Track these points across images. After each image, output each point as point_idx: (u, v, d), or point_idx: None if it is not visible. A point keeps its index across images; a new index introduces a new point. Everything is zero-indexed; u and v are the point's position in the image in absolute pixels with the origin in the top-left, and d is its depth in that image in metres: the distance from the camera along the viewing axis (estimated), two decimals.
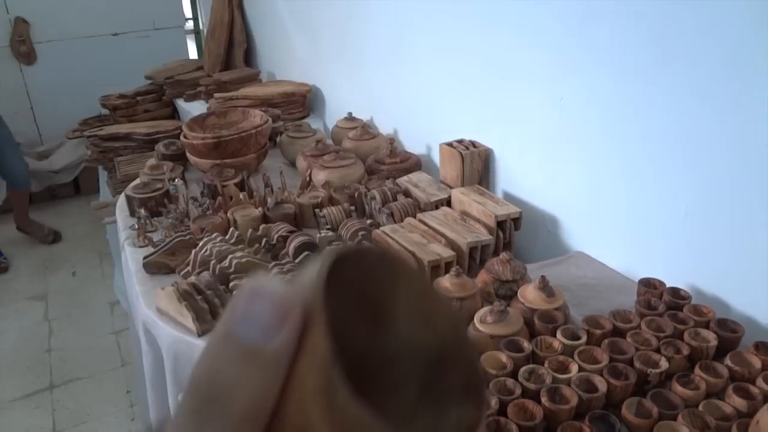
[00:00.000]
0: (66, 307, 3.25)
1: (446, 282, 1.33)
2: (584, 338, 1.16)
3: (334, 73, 2.92)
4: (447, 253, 1.52)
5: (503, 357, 1.12)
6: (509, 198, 1.83)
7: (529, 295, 1.29)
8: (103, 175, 3.55)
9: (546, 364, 1.10)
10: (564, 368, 1.10)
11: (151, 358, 1.65)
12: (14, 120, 4.60)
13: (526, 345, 1.15)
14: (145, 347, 1.65)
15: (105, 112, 3.97)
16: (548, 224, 1.75)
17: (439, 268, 1.51)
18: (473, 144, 1.93)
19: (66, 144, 4.50)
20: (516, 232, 1.69)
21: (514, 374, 1.08)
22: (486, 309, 1.23)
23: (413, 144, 2.33)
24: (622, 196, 1.50)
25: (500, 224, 1.65)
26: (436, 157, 2.20)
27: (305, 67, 3.25)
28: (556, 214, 1.72)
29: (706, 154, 1.27)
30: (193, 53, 5.16)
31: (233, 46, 3.98)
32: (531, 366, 1.09)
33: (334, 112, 2.99)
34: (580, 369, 1.09)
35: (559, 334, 1.17)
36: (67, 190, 4.66)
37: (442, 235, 1.60)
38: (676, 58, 1.27)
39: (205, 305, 1.46)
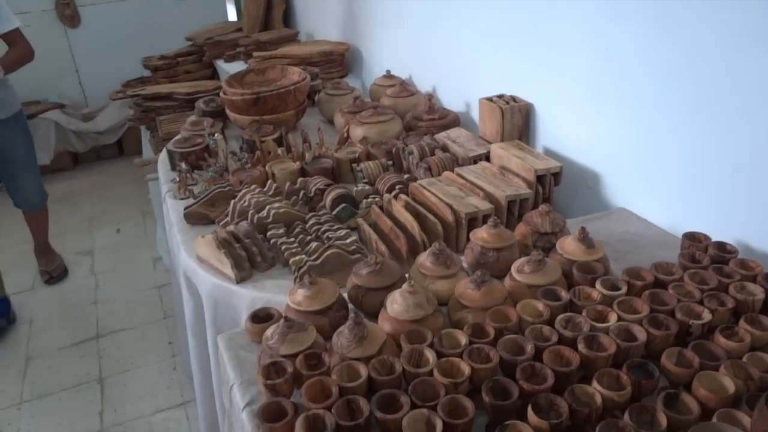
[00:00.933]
0: (111, 262, 3.36)
1: (483, 233, 1.32)
2: (624, 289, 1.14)
3: (372, 32, 2.88)
4: (485, 205, 1.50)
5: (540, 305, 1.10)
6: (550, 153, 1.79)
7: (568, 246, 1.27)
8: (145, 135, 3.61)
9: (584, 314, 1.08)
10: (602, 318, 1.08)
11: (192, 305, 1.69)
12: (60, 83, 4.72)
13: (564, 294, 1.13)
14: (186, 295, 1.69)
15: (147, 73, 4.02)
16: (589, 180, 1.71)
17: (476, 220, 1.49)
18: (513, 99, 1.89)
19: (110, 105, 4.59)
20: (556, 188, 1.66)
21: (550, 322, 1.06)
22: (523, 259, 1.21)
23: (452, 101, 2.30)
24: (669, 151, 1.46)
25: (540, 179, 1.62)
26: (475, 113, 2.17)
27: (343, 26, 3.22)
28: (598, 169, 1.68)
29: (762, 106, 1.21)
30: (233, 16, 5.16)
31: (272, 7, 3.97)
32: (568, 314, 1.07)
33: (372, 71, 2.96)
34: (619, 319, 1.07)
35: (598, 285, 1.15)
36: (111, 151, 4.77)
37: (480, 188, 1.58)
38: None
39: (243, 253, 1.48)
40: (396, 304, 1.11)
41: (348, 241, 1.45)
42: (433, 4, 2.26)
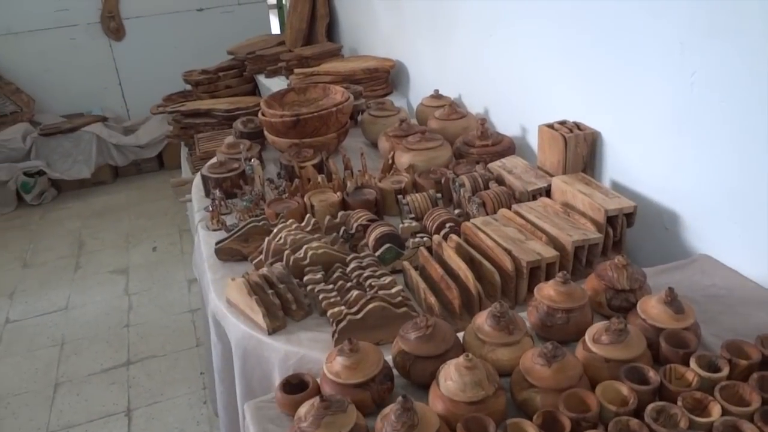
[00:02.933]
0: (146, 282, 3.27)
1: (550, 290, 1.14)
2: (726, 370, 0.95)
3: (420, 48, 2.73)
4: (549, 252, 1.32)
5: (624, 389, 0.92)
6: (619, 189, 1.60)
7: (652, 309, 1.08)
8: (184, 152, 3.54)
9: (679, 402, 0.89)
10: (702, 408, 0.90)
11: (220, 350, 1.55)
12: (103, 95, 4.72)
13: (653, 375, 0.94)
14: (214, 338, 1.56)
15: (188, 87, 3.96)
16: (666, 221, 1.51)
17: (539, 269, 1.32)
18: (578, 126, 1.70)
19: (151, 119, 4.56)
20: (628, 230, 1.47)
21: (638, 413, 0.88)
22: (601, 325, 1.03)
23: (506, 125, 2.12)
24: (764, 191, 1.25)
25: (610, 220, 1.43)
26: (532, 140, 1.99)
27: (389, 41, 3.07)
28: (677, 209, 1.48)
29: None
30: (276, 28, 5.09)
31: (315, 20, 3.86)
32: (660, 403, 0.89)
33: (418, 90, 2.81)
34: (724, 411, 0.88)
35: (693, 363, 0.96)
36: (152, 165, 4.73)
37: (542, 230, 1.40)
38: None
39: (276, 300, 1.33)
40: (450, 380, 0.94)
41: (393, 291, 1.29)
42: (489, 20, 2.09)
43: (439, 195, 1.72)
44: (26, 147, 4.25)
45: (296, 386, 1.05)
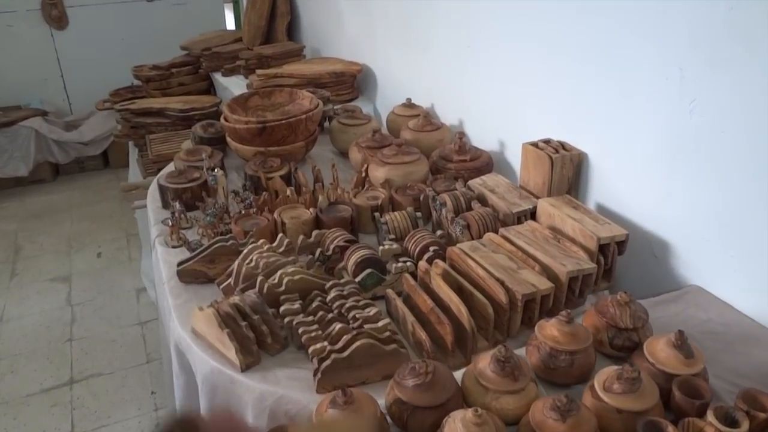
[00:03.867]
0: (90, 291, 3.06)
1: (553, 329, 1.06)
2: (746, 425, 0.89)
3: (389, 54, 2.63)
4: (543, 284, 1.25)
5: None
6: (605, 213, 1.54)
7: (661, 353, 1.02)
8: (133, 152, 3.33)
9: None
10: None
11: (183, 381, 1.42)
12: (43, 88, 4.43)
13: (672, 431, 0.88)
14: (176, 369, 1.42)
15: (137, 82, 3.74)
16: (655, 249, 1.47)
17: (534, 302, 1.24)
18: (563, 146, 1.64)
19: (96, 115, 4.29)
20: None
21: None
22: (611, 372, 0.96)
23: (482, 140, 2.05)
24: (762, 222, 1.21)
25: (601, 247, 1.38)
26: (511, 156, 1.93)
27: (355, 44, 2.96)
28: (668, 237, 1.44)
29: None
30: (231, 24, 4.89)
31: (275, 17, 3.70)
32: None
33: (387, 96, 2.71)
34: None
35: (711, 416, 0.90)
36: (96, 163, 4.47)
37: (534, 258, 1.33)
38: None
39: (250, 334, 1.21)
40: None
41: (379, 324, 1.19)
42: (468, 29, 2.01)
43: (418, 214, 1.64)
44: None
45: None
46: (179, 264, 1.49)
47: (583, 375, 1.06)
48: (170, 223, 1.67)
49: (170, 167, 2.07)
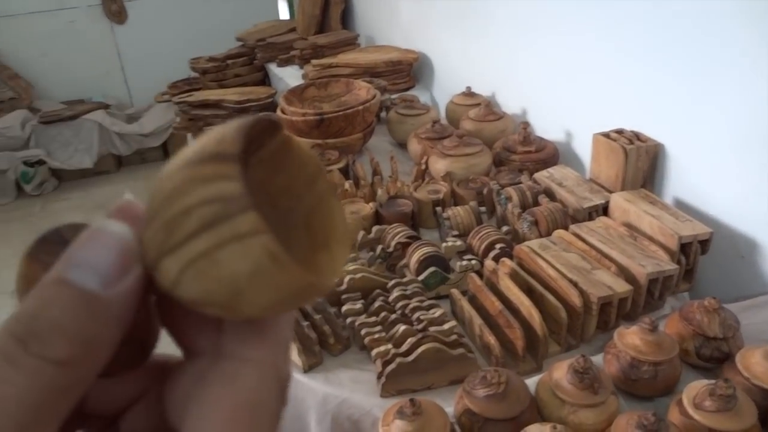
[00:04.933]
0: None
1: (635, 338, 0.99)
2: None
3: (446, 41, 2.55)
4: (621, 286, 1.17)
5: None
6: (683, 209, 1.44)
7: (757, 366, 0.94)
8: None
9: None
10: None
11: None
12: (105, 82, 4.53)
13: None
14: None
15: (195, 74, 3.78)
16: (742, 248, 1.36)
17: (610, 305, 1.17)
18: (637, 136, 1.54)
19: (155, 107, 4.37)
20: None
21: None
22: (702, 387, 0.88)
23: (547, 129, 1.95)
24: None
25: (682, 247, 1.28)
26: (579, 147, 1.84)
27: (410, 32, 2.90)
28: (756, 234, 1.33)
29: None
30: (285, 14, 4.88)
31: (329, 5, 3.67)
32: None
33: (444, 85, 2.64)
34: None
35: None
36: (156, 154, 4.56)
37: (609, 258, 1.25)
38: None
39: (312, 334, 1.18)
40: None
41: (445, 327, 1.14)
42: (531, 13, 1.92)
43: (482, 208, 1.57)
44: (25, 135, 4.07)
45: None
46: None
47: (667, 387, 0.99)
48: None
49: None
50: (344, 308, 1.23)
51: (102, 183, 4.30)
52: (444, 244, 1.42)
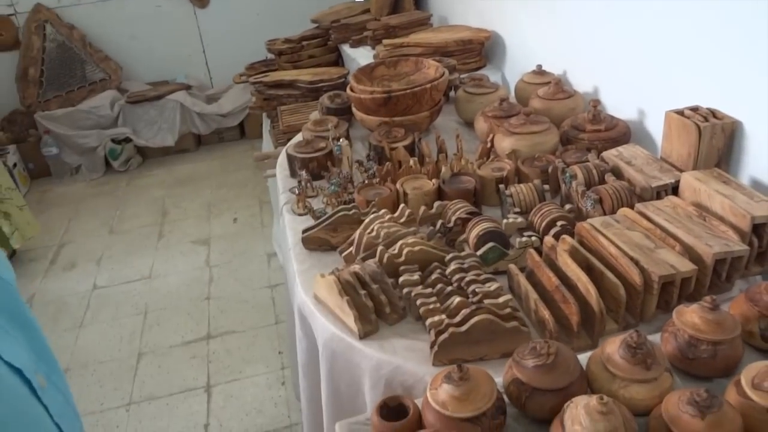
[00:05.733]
0: (226, 254, 3.27)
1: (694, 316, 0.96)
2: None
3: (519, 18, 2.51)
4: (685, 265, 1.14)
5: None
6: (760, 189, 1.37)
7: None
8: (266, 123, 3.47)
9: None
10: None
11: (305, 345, 1.46)
12: (187, 63, 4.73)
13: None
14: (299, 333, 1.47)
15: (271, 56, 3.89)
16: None
17: (672, 285, 1.14)
18: (713, 114, 1.48)
19: (233, 88, 4.53)
20: None
21: None
22: (763, 367, 0.86)
23: (619, 108, 1.90)
24: None
25: (755, 228, 1.23)
26: (652, 126, 1.77)
27: (483, 10, 2.86)
28: None
29: None
30: None
31: None
32: None
33: (515, 64, 2.60)
34: None
35: None
36: (233, 134, 4.73)
37: (675, 237, 1.22)
38: None
39: (369, 302, 1.22)
40: (579, 425, 0.79)
41: (500, 300, 1.14)
42: None
43: (546, 187, 1.55)
44: (114, 114, 4.32)
45: (394, 410, 0.94)
46: (304, 231, 1.53)
47: (727, 368, 0.96)
48: (297, 192, 1.72)
49: (298, 137, 2.13)
50: (401, 279, 1.26)
51: (182, 161, 4.52)
52: (504, 221, 1.42)
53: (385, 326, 1.24)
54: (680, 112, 1.51)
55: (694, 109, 1.51)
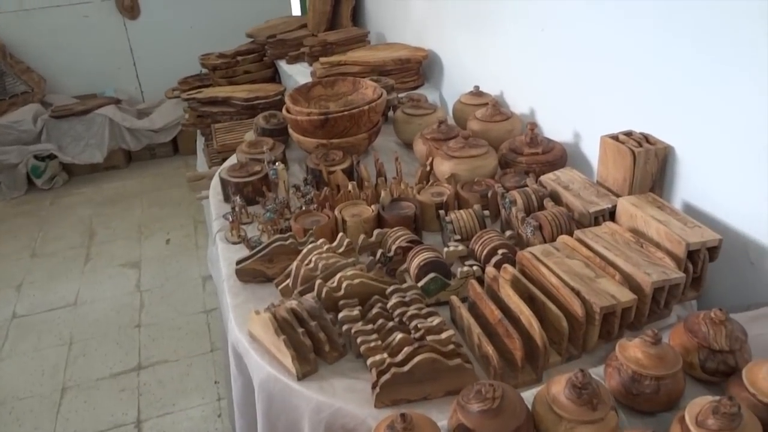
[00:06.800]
0: (158, 278, 3.12)
1: (637, 351, 0.95)
2: None
3: (456, 38, 2.52)
4: (625, 296, 1.13)
5: None
6: (693, 214, 1.40)
7: (764, 382, 0.90)
8: (200, 141, 3.36)
9: None
10: None
11: (241, 383, 1.39)
12: (117, 76, 4.55)
13: None
14: (234, 370, 1.39)
15: (205, 71, 3.78)
16: (752, 254, 1.32)
17: (613, 315, 1.13)
18: (646, 138, 1.50)
19: (166, 102, 4.39)
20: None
21: None
22: (705, 404, 0.85)
23: (555, 131, 1.92)
24: None
25: (690, 254, 1.25)
26: (587, 149, 1.80)
27: (421, 29, 2.86)
28: (766, 241, 1.28)
29: None
30: (297, 10, 4.86)
31: (340, 2, 3.64)
32: None
33: (453, 84, 2.61)
34: None
35: None
36: (166, 150, 4.57)
37: (614, 265, 1.22)
38: None
39: (307, 341, 1.16)
40: None
41: (443, 336, 1.11)
42: (541, 12, 1.88)
43: (486, 212, 1.54)
44: (37, 129, 4.09)
45: None
46: (238, 262, 1.46)
47: (670, 402, 0.95)
48: (230, 219, 1.64)
49: (233, 159, 2.05)
50: (341, 315, 1.21)
51: (112, 178, 4.32)
52: (445, 249, 1.39)
53: (324, 365, 1.19)
54: (615, 137, 1.53)
55: (628, 134, 1.53)
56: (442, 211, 1.55)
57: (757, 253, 1.31)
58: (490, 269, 1.25)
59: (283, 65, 3.43)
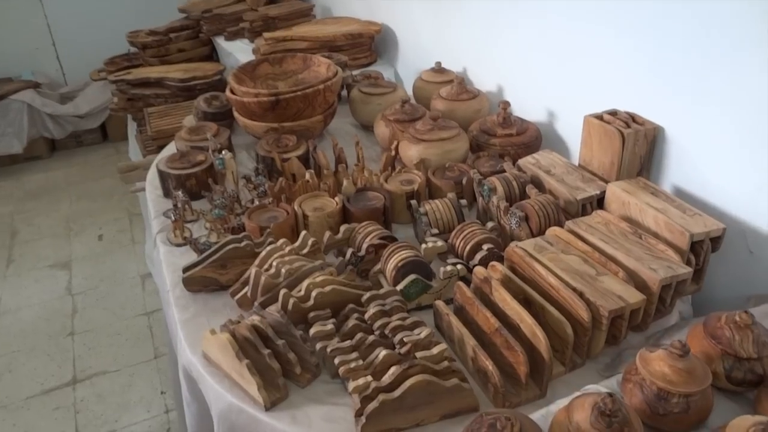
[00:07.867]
0: (92, 278, 2.85)
1: (663, 365, 0.83)
2: None
3: (412, 10, 2.35)
4: (634, 296, 1.01)
5: None
6: (684, 198, 1.29)
7: None
8: (131, 126, 3.08)
9: None
10: None
11: (196, 410, 1.21)
12: (34, 58, 4.16)
13: None
14: (187, 395, 1.21)
15: (134, 49, 3.47)
16: (750, 242, 1.23)
17: (621, 318, 1.01)
18: (633, 118, 1.39)
19: (92, 85, 4.03)
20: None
21: None
22: (747, 423, 0.74)
23: (527, 109, 1.79)
24: None
25: (692, 245, 1.14)
26: (563, 129, 1.68)
27: (371, 1, 2.67)
28: (766, 227, 1.19)
29: None
30: None
31: None
32: None
33: (410, 60, 2.44)
34: None
35: None
36: (94, 137, 4.22)
37: (614, 260, 1.10)
38: None
39: (275, 364, 0.99)
40: None
41: (435, 352, 0.96)
42: None
43: (463, 201, 1.40)
44: None
45: None
46: (185, 270, 1.26)
47: (700, 421, 0.84)
48: (173, 217, 1.44)
49: (171, 148, 1.83)
50: (312, 331, 1.04)
51: (34, 170, 3.96)
52: (423, 246, 1.24)
53: (295, 389, 1.02)
54: (599, 117, 1.40)
55: (613, 114, 1.41)
56: (413, 202, 1.40)
57: (756, 241, 1.21)
58: (478, 269, 1.11)
59: (221, 42, 3.18)
